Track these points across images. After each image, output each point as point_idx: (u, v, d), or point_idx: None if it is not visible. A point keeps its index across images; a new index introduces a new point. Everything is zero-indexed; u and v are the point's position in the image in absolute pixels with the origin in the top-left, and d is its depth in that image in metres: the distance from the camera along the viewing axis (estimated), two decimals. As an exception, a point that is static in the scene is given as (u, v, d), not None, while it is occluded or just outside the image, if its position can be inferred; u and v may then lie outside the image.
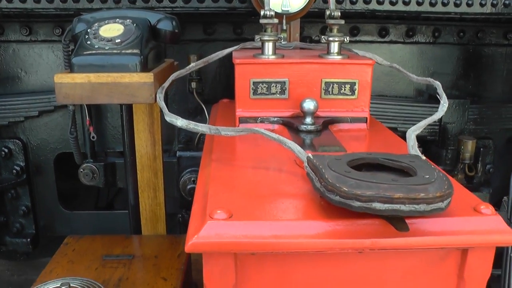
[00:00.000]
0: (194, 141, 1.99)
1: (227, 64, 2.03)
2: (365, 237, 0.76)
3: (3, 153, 1.99)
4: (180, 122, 1.06)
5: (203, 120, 1.91)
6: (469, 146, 1.98)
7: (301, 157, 0.93)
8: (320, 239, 0.76)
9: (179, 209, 2.02)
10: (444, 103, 1.14)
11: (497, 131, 2.12)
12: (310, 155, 0.87)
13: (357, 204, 0.72)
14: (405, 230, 0.76)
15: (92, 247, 1.32)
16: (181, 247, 1.33)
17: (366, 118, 1.27)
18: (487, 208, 0.82)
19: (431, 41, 2.08)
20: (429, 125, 2.05)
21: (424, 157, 0.88)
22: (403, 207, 0.71)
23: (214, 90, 2.06)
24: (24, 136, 2.03)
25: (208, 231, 0.75)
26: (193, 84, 1.96)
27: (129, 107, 1.53)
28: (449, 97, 1.17)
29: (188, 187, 1.92)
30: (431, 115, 1.13)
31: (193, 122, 1.06)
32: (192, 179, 1.92)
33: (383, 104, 2.03)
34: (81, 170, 1.93)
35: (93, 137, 1.52)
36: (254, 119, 1.25)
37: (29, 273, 2.20)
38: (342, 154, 0.88)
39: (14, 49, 2.01)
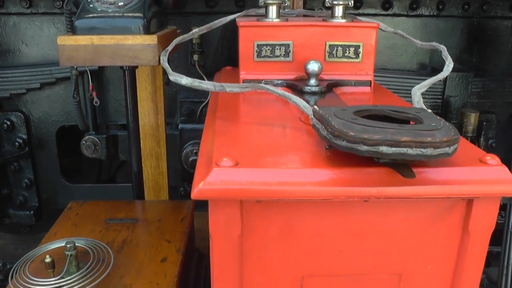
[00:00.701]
0: (196, 114, 1.99)
1: (229, 36, 2.03)
2: (371, 186, 0.76)
3: (5, 125, 1.99)
4: (184, 80, 1.06)
5: (205, 92, 1.90)
6: (472, 119, 1.97)
7: (306, 111, 0.92)
8: (325, 187, 0.76)
9: (181, 182, 2.02)
10: (450, 64, 1.13)
11: (500, 105, 2.12)
12: (316, 106, 0.87)
13: (364, 148, 0.71)
14: (411, 177, 0.75)
15: (96, 212, 1.33)
16: (184, 212, 1.33)
17: (370, 81, 1.26)
18: (493, 159, 0.82)
19: (435, 14, 2.06)
20: (432, 98, 2.06)
21: (430, 110, 0.88)
22: (410, 151, 0.70)
23: (216, 63, 2.04)
24: (26, 109, 2.03)
25: (214, 178, 0.75)
26: (195, 57, 1.95)
27: (132, 75, 1.52)
28: (452, 70, 1.17)
29: (190, 159, 1.91)
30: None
31: (198, 80, 1.05)
32: (195, 151, 1.91)
33: (386, 77, 2.02)
34: (83, 142, 1.93)
35: (96, 102, 1.51)
36: (258, 82, 1.24)
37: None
38: (348, 106, 0.88)
39: (15, 22, 2.00)
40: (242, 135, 0.94)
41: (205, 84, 1.04)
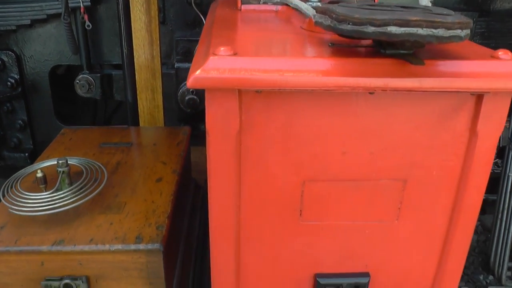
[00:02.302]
0: (193, 53, 1.93)
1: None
2: (377, 76, 0.72)
3: (-4, 65, 1.93)
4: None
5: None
6: (476, 58, 1.92)
7: (308, 12, 0.88)
8: (329, 77, 0.72)
9: (177, 123, 1.98)
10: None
11: (504, 46, 2.06)
12: (319, 3, 0.82)
13: (370, 29, 0.67)
14: (420, 64, 0.71)
15: (90, 137, 1.29)
16: (180, 136, 1.29)
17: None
18: (506, 54, 0.77)
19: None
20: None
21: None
22: (420, 31, 0.66)
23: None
24: (17, 48, 1.96)
25: (211, 65, 0.71)
26: (191, -5, 1.88)
27: (126, 4, 1.46)
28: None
29: (187, 98, 1.87)
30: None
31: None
32: (191, 90, 1.87)
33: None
34: (77, 81, 1.88)
35: (88, 26, 1.46)
36: (257, 0, 1.19)
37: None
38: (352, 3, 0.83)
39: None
40: (241, 35, 0.89)
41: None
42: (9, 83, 1.95)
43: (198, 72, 0.70)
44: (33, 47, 1.96)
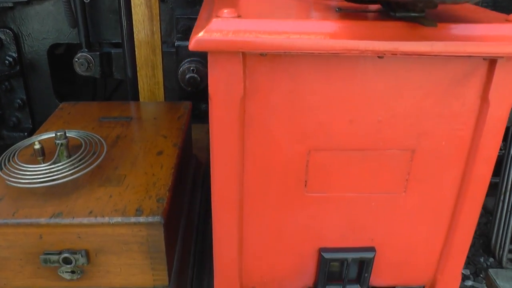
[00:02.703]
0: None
1: None
2: (387, 40, 0.69)
3: (-6, 43, 1.90)
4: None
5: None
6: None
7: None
8: (337, 39, 0.69)
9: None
10: None
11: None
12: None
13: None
14: (432, 25, 0.68)
15: (89, 111, 1.26)
16: (181, 111, 1.26)
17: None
18: (521, 18, 0.74)
19: None
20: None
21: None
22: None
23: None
24: (15, 26, 1.93)
25: (214, 27, 0.68)
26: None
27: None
28: None
29: (187, 76, 1.83)
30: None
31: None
32: (191, 68, 1.83)
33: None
34: (76, 59, 1.85)
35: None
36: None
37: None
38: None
39: None
40: (245, 0, 0.86)
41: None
42: (7, 62, 1.92)
43: (201, 34, 0.68)
44: (31, 25, 1.93)
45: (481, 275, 2.01)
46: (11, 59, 1.93)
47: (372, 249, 0.90)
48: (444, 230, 0.91)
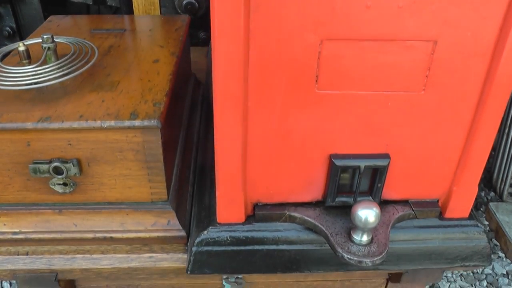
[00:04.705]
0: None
1: None
2: None
3: (-24, -34, 1.78)
4: None
5: None
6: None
7: None
8: None
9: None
10: None
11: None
12: None
13: None
14: None
15: (79, 23, 1.17)
16: (179, 23, 1.17)
17: None
18: None
19: None
20: None
21: None
22: None
23: None
24: None
25: None
26: None
27: None
28: None
29: (184, 2, 1.74)
30: None
31: None
32: (189, -6, 1.73)
33: None
34: (66, -16, 1.74)
35: None
36: None
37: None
38: None
39: None
40: None
41: None
42: (-8, -13, 1.81)
43: None
44: None
45: (481, 209, 1.98)
46: (-3, -15, 1.82)
47: (386, 156, 0.84)
48: (464, 135, 0.84)
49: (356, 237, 0.81)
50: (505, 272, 1.81)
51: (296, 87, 0.76)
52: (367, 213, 0.77)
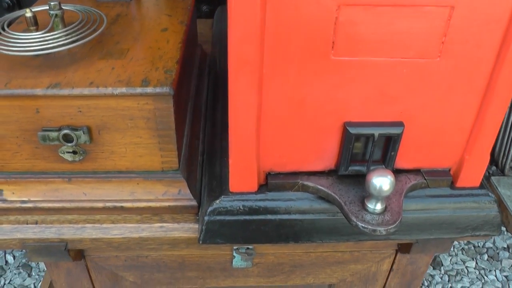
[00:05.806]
0: None
1: None
2: None
3: None
4: None
5: None
6: None
7: None
8: None
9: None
10: None
11: None
12: None
13: None
14: None
15: (84, -6, 1.15)
16: (186, -7, 1.16)
17: None
18: None
19: None
20: None
21: None
22: None
23: None
24: None
25: None
26: None
27: None
28: None
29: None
30: None
31: None
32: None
33: None
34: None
35: None
36: None
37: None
38: None
39: None
40: None
41: None
42: (-10, -42, 1.78)
43: None
44: None
45: (483, 183, 1.98)
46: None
47: (400, 124, 0.83)
48: (478, 103, 0.84)
49: (370, 205, 0.81)
50: (506, 246, 1.83)
51: (311, 53, 0.75)
52: (381, 181, 0.77)
